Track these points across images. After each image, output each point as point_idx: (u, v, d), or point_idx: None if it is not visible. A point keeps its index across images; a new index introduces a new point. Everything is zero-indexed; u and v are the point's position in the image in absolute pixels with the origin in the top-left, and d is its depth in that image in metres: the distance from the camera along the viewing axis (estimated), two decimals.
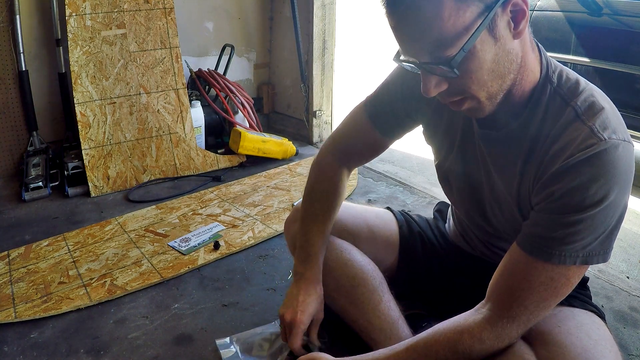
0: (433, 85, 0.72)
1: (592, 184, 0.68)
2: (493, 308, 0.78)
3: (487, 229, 0.98)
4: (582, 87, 0.76)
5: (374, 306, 1.02)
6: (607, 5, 2.28)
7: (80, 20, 2.10)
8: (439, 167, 1.02)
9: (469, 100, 0.74)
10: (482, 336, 0.77)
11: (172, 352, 1.20)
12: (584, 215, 0.69)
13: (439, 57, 0.68)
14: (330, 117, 2.97)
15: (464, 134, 0.91)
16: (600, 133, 0.69)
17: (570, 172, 0.70)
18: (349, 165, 1.10)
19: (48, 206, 2.03)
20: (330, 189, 1.07)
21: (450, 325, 0.81)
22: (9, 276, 1.51)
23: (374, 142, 1.05)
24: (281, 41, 3.00)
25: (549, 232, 0.73)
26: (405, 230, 1.17)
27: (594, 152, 0.68)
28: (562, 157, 0.72)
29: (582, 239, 0.71)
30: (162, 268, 1.55)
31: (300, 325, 0.98)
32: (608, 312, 1.36)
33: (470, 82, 0.71)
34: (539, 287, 0.74)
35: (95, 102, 2.15)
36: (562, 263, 0.72)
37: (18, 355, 1.19)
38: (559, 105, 0.76)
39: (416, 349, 0.81)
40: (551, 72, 0.77)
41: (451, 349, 0.78)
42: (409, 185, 2.28)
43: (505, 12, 0.67)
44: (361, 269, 1.05)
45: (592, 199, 0.69)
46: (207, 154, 2.44)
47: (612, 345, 0.79)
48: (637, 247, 1.73)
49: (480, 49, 0.68)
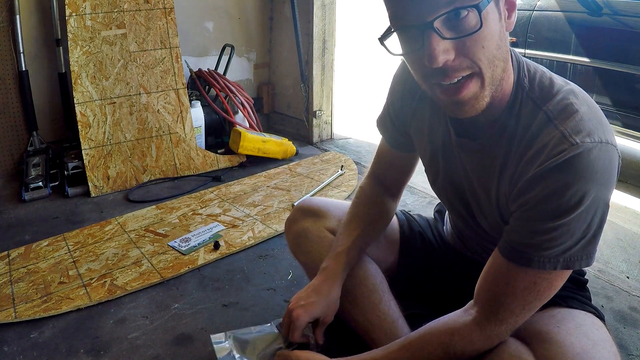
0: (443, 50, 0.66)
1: (565, 191, 0.67)
2: (481, 311, 0.79)
3: (480, 233, 0.99)
4: (556, 89, 0.74)
5: (374, 305, 1.02)
6: (607, 5, 2.28)
7: (80, 20, 2.10)
8: (430, 180, 1.02)
9: (475, 79, 0.70)
10: (472, 338, 0.78)
11: (172, 352, 1.20)
12: (560, 221, 0.69)
13: (464, 3, 0.65)
14: (330, 117, 2.97)
15: (444, 146, 0.91)
16: (571, 137, 0.68)
17: (542, 179, 0.69)
18: (387, 187, 1.11)
19: (48, 206, 2.03)
20: (370, 211, 1.08)
21: (442, 326, 0.82)
22: (9, 276, 1.51)
23: (400, 162, 1.08)
24: (281, 41, 3.00)
25: (526, 239, 0.72)
26: (406, 230, 1.17)
27: (565, 158, 0.67)
28: (535, 163, 0.71)
29: (560, 244, 0.70)
30: (162, 268, 1.55)
31: (297, 323, 0.97)
32: (608, 312, 1.36)
33: (480, 52, 0.67)
34: (523, 291, 0.74)
35: (95, 102, 2.15)
36: (542, 268, 0.72)
37: (18, 355, 1.19)
38: (531, 110, 0.75)
39: (409, 349, 0.82)
40: (523, 75, 0.77)
41: (443, 349, 0.79)
42: (409, 185, 2.28)
43: None
44: (361, 268, 1.05)
45: (567, 205, 0.68)
46: (207, 154, 2.44)
47: (611, 346, 0.79)
48: (637, 247, 1.73)
49: (491, 18, 0.67)
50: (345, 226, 1.06)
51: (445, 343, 0.79)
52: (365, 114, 3.67)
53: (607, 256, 1.65)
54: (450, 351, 0.79)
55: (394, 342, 0.85)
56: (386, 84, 1.06)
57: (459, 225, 1.07)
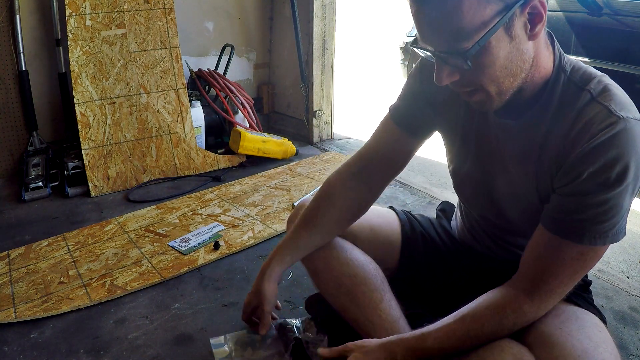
0: (446, 75, 0.75)
1: (616, 162, 0.71)
2: (530, 284, 0.82)
3: (500, 224, 0.99)
4: (594, 74, 0.79)
5: (375, 305, 1.02)
6: (607, 5, 2.28)
7: (80, 20, 2.10)
8: (454, 167, 1.02)
9: (480, 92, 0.77)
10: (524, 310, 0.81)
11: (172, 352, 1.20)
12: (611, 193, 0.72)
13: (455, 48, 0.71)
14: (330, 117, 2.97)
15: (479, 130, 0.92)
16: (617, 112, 0.72)
17: (594, 152, 0.72)
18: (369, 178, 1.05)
19: (48, 206, 2.03)
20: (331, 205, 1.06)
21: (491, 300, 0.84)
22: (9, 276, 1.51)
23: (401, 145, 1.02)
24: (281, 41, 3.00)
25: (578, 214, 0.76)
26: (408, 230, 1.16)
27: (616, 131, 0.71)
28: (584, 138, 0.74)
29: (611, 217, 0.74)
30: (162, 268, 1.55)
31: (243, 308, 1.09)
32: (608, 312, 1.36)
33: (482, 76, 0.74)
34: (572, 263, 0.78)
35: (95, 102, 2.15)
36: (593, 244, 0.76)
37: (18, 355, 1.19)
38: (573, 91, 0.79)
39: (464, 321, 0.84)
40: (564, 62, 0.80)
41: (497, 322, 0.82)
42: (409, 185, 2.28)
43: (524, 13, 0.70)
44: (362, 268, 1.05)
45: (617, 177, 0.71)
46: (207, 154, 2.44)
47: (612, 348, 0.80)
48: (637, 247, 1.73)
49: (495, 46, 0.71)
50: (298, 223, 1.06)
51: (498, 316, 0.82)
52: (365, 114, 3.67)
53: (607, 256, 1.65)
54: (504, 322, 0.82)
55: (448, 316, 0.87)
56: (386, 84, 1.06)
57: (473, 218, 1.07)
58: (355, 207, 1.07)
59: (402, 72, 3.46)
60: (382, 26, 7.22)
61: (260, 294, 1.06)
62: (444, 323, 0.86)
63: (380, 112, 1.09)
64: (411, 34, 3.36)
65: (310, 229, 1.05)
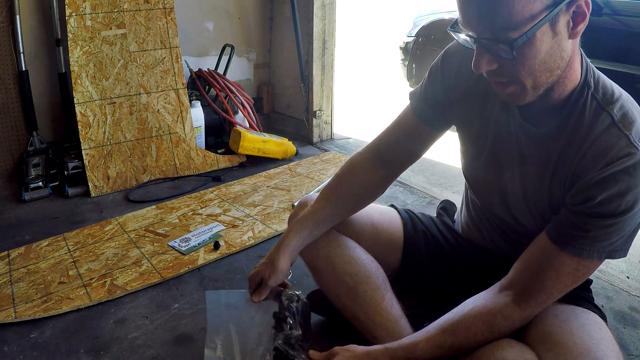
0: (485, 63, 0.75)
1: (628, 192, 0.74)
2: (521, 292, 0.84)
3: (509, 223, 1.00)
4: (617, 96, 0.80)
5: (376, 304, 1.02)
6: (607, 5, 2.28)
7: (80, 20, 2.10)
8: (467, 161, 1.03)
9: (515, 84, 0.78)
10: (513, 317, 0.83)
11: (172, 352, 1.20)
12: (617, 220, 0.76)
13: (501, 38, 0.71)
14: (330, 117, 2.97)
15: (498, 130, 0.92)
16: (636, 143, 0.75)
17: (609, 180, 0.75)
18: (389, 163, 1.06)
19: (48, 206, 2.03)
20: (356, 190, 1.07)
21: (481, 307, 0.85)
22: (9, 276, 1.51)
23: (420, 136, 1.03)
24: (281, 41, 3.00)
25: (582, 232, 0.78)
26: (410, 228, 1.16)
27: (632, 162, 0.74)
28: (601, 163, 0.76)
29: (611, 237, 0.78)
30: (162, 268, 1.55)
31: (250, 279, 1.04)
32: (608, 312, 1.36)
33: (521, 68, 0.75)
34: (565, 276, 0.81)
35: (95, 102, 2.15)
36: (590, 257, 0.79)
37: (18, 355, 1.19)
38: (595, 109, 0.80)
39: (454, 331, 0.85)
40: (590, 76, 0.81)
41: (488, 329, 0.84)
42: (409, 185, 2.28)
43: (569, 11, 0.72)
44: (364, 267, 1.05)
45: (627, 206, 0.75)
46: (207, 154, 2.44)
47: (613, 345, 0.81)
48: (637, 247, 1.73)
49: (539, 39, 0.71)
50: (318, 198, 1.07)
51: (489, 322, 0.84)
52: (365, 114, 3.67)
53: None
54: (495, 330, 0.83)
55: (431, 326, 0.88)
56: (386, 84, 1.06)
57: (482, 214, 1.06)
58: (373, 186, 1.08)
59: (402, 72, 3.46)
60: (382, 26, 7.22)
61: (273, 266, 1.02)
62: (431, 334, 0.87)
63: (380, 112, 1.10)
64: (411, 34, 3.36)
65: (332, 200, 1.05)
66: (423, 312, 1.15)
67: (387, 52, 5.48)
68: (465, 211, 1.14)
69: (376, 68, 5.53)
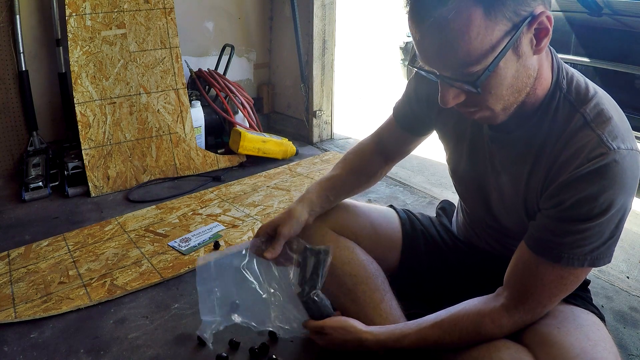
0: (452, 97, 0.74)
1: (601, 194, 0.70)
2: (510, 299, 0.82)
3: (497, 227, 1.00)
4: (591, 94, 0.77)
5: (376, 304, 1.02)
6: (607, 5, 2.28)
7: (80, 20, 2.10)
8: (451, 168, 1.05)
9: (484, 110, 0.76)
10: (501, 323, 0.82)
11: (172, 352, 1.20)
12: (592, 223, 0.72)
13: (463, 74, 0.69)
14: (330, 117, 2.97)
15: (473, 136, 0.93)
16: (609, 142, 0.71)
17: (580, 182, 0.72)
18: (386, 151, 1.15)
19: (48, 206, 2.03)
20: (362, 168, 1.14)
21: (473, 308, 0.85)
22: (9, 276, 1.51)
23: (406, 139, 1.11)
24: (281, 41, 3.00)
25: (557, 238, 0.75)
26: (408, 229, 1.17)
27: (604, 163, 0.70)
28: (572, 165, 0.73)
29: (589, 243, 0.74)
30: (162, 268, 1.55)
31: (260, 230, 1.04)
32: (608, 312, 1.36)
33: (488, 97, 0.73)
34: (550, 284, 0.78)
35: (95, 102, 2.15)
36: (571, 265, 0.75)
37: (18, 355, 1.19)
38: (568, 111, 0.77)
39: (442, 327, 0.86)
40: (562, 77, 0.79)
41: (474, 329, 0.83)
42: (408, 185, 2.28)
43: (530, 30, 0.68)
44: (363, 267, 1.06)
45: (600, 208, 0.71)
46: (207, 154, 2.44)
47: (611, 346, 0.80)
48: (637, 247, 1.73)
49: (503, 67, 0.69)
50: (333, 169, 1.14)
51: (476, 324, 0.83)
52: (365, 114, 3.67)
53: None
54: (481, 331, 0.83)
55: (424, 318, 0.89)
56: (386, 83, 1.09)
57: (473, 217, 1.07)
58: (377, 168, 1.15)
59: (402, 72, 3.46)
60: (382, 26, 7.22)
61: (289, 213, 1.00)
62: (420, 325, 0.88)
63: (380, 112, 1.12)
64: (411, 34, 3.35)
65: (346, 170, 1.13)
66: (422, 312, 1.15)
67: (387, 52, 5.48)
68: (460, 213, 1.15)
69: (376, 68, 5.52)
